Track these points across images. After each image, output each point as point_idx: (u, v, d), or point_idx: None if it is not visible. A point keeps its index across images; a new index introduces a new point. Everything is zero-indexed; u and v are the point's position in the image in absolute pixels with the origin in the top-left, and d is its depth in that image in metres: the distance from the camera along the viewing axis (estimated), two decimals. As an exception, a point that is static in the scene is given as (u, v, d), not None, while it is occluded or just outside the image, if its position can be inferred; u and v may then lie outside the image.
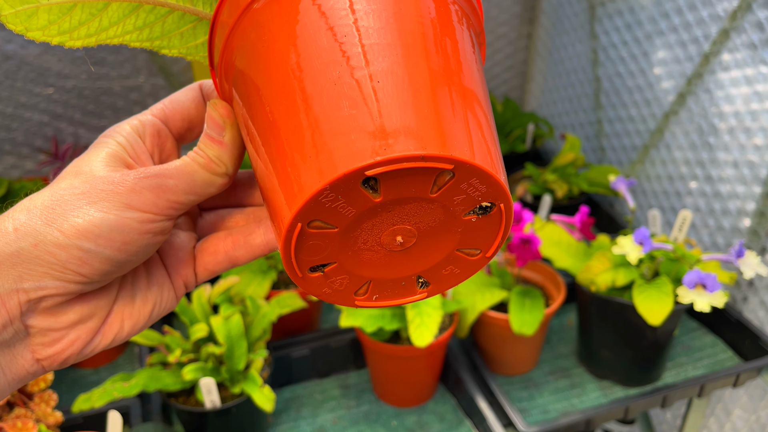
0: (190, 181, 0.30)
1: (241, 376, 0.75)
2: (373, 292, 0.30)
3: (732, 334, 0.94)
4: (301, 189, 0.24)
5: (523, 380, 0.90)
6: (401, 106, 0.24)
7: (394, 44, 0.26)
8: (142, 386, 0.71)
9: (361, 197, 0.25)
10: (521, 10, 1.36)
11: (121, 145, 0.31)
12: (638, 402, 0.83)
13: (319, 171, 0.24)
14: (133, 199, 0.28)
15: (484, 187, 0.26)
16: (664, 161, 1.08)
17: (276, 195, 0.26)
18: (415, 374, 0.84)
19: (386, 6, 0.27)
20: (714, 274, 0.71)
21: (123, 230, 0.28)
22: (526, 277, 0.92)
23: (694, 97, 0.99)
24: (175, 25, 0.32)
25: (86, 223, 0.27)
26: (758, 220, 0.90)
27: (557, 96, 1.37)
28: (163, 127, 0.33)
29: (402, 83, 0.25)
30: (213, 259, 0.34)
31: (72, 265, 0.27)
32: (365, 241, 0.27)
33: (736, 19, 0.88)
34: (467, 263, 0.29)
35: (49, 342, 0.28)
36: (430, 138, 0.24)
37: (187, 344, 0.75)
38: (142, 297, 0.32)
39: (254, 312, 0.79)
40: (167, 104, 0.33)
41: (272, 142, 0.26)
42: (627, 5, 1.09)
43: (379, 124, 0.24)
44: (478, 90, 0.28)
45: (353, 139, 0.24)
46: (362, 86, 0.25)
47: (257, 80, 0.27)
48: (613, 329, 0.84)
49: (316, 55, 0.26)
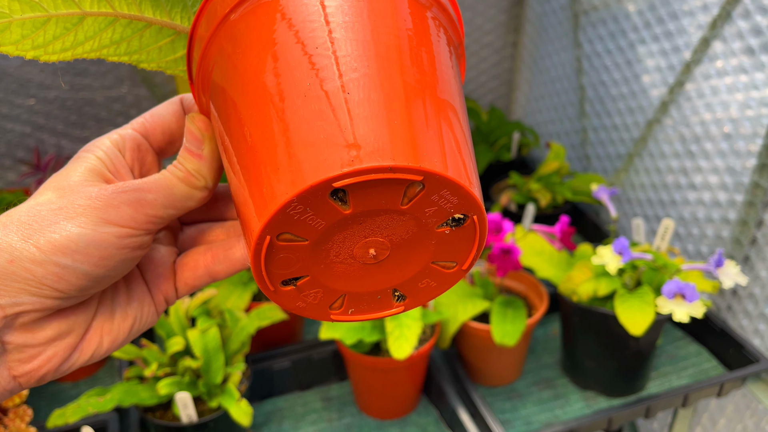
0: (168, 195, 0.30)
1: (218, 390, 0.74)
2: (348, 306, 0.29)
3: (716, 343, 0.93)
4: (269, 201, 0.24)
5: (507, 391, 0.90)
6: (371, 117, 0.24)
7: (367, 56, 0.26)
8: (118, 401, 0.70)
9: (330, 209, 0.24)
10: (506, 19, 1.37)
11: (101, 159, 0.31)
12: (621, 413, 0.82)
13: (288, 182, 0.24)
14: (110, 214, 0.28)
15: (455, 199, 0.25)
16: (648, 169, 1.08)
17: (247, 207, 0.26)
18: (397, 386, 0.83)
19: (361, 19, 0.27)
20: (693, 284, 0.70)
21: (100, 245, 0.28)
22: (509, 287, 0.92)
23: (676, 106, 0.99)
24: (153, 39, 0.31)
25: (63, 239, 0.27)
26: (741, 229, 0.90)
27: (542, 104, 1.37)
28: (143, 141, 0.33)
29: (373, 95, 0.25)
30: (193, 274, 0.34)
31: (48, 281, 0.27)
32: (338, 254, 0.27)
33: (716, 28, 0.88)
34: (443, 276, 0.29)
35: (25, 358, 0.28)
36: (399, 149, 0.24)
37: (164, 358, 0.74)
38: (122, 312, 0.31)
39: (233, 325, 0.78)
40: (147, 118, 0.33)
41: (244, 154, 0.26)
42: (610, 14, 1.10)
43: (347, 135, 0.24)
44: (454, 102, 0.27)
45: (321, 150, 0.24)
46: (332, 97, 0.24)
47: (231, 92, 0.27)
48: (595, 339, 0.84)
49: (289, 66, 0.26)
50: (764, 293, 0.88)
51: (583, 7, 1.16)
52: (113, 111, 1.16)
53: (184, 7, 0.31)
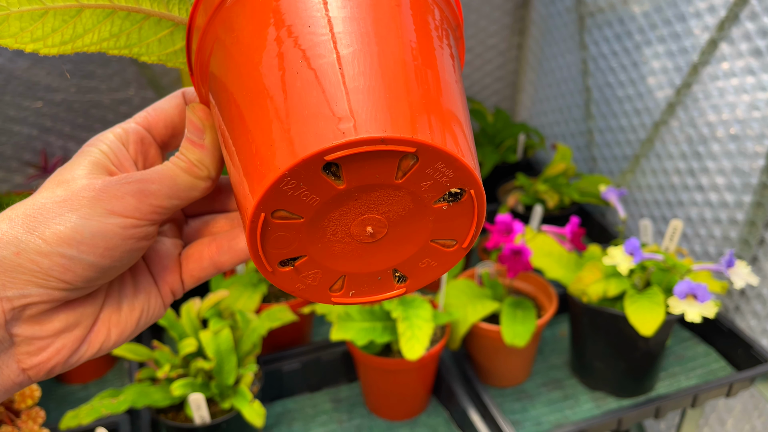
0: (172, 185, 0.30)
1: (230, 391, 0.74)
2: (348, 288, 0.29)
3: (724, 343, 0.93)
4: (262, 177, 0.24)
5: (516, 392, 0.90)
6: (362, 90, 0.24)
7: (363, 32, 0.26)
8: (131, 402, 0.70)
9: (324, 184, 0.24)
10: (511, 21, 1.37)
11: (104, 153, 0.31)
12: (631, 413, 0.82)
13: (280, 157, 0.24)
14: (115, 205, 0.28)
15: (451, 172, 0.25)
16: (655, 171, 1.08)
17: (242, 188, 0.26)
18: (407, 387, 0.84)
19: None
20: (704, 285, 0.71)
21: (106, 236, 0.28)
22: (518, 288, 0.92)
23: (684, 107, 0.99)
24: (152, 31, 0.31)
25: (68, 230, 0.27)
26: (749, 229, 0.90)
27: (548, 106, 1.37)
28: (147, 134, 0.33)
29: (366, 69, 0.24)
30: (198, 266, 0.34)
31: (55, 272, 0.27)
32: (335, 233, 0.26)
33: (723, 30, 0.89)
34: (444, 255, 0.29)
35: (34, 351, 0.28)
36: (391, 120, 0.23)
37: (176, 359, 0.74)
38: (129, 304, 0.32)
39: (244, 326, 0.78)
40: (150, 112, 0.33)
41: (239, 136, 0.26)
42: (616, 16, 1.10)
43: (339, 108, 0.23)
44: (449, 79, 0.27)
45: (313, 124, 0.23)
46: (325, 72, 0.24)
47: (227, 79, 0.27)
48: (605, 340, 0.84)
49: (282, 46, 0.26)
50: (773, 293, 0.88)
51: (589, 9, 1.16)
52: (120, 113, 1.16)
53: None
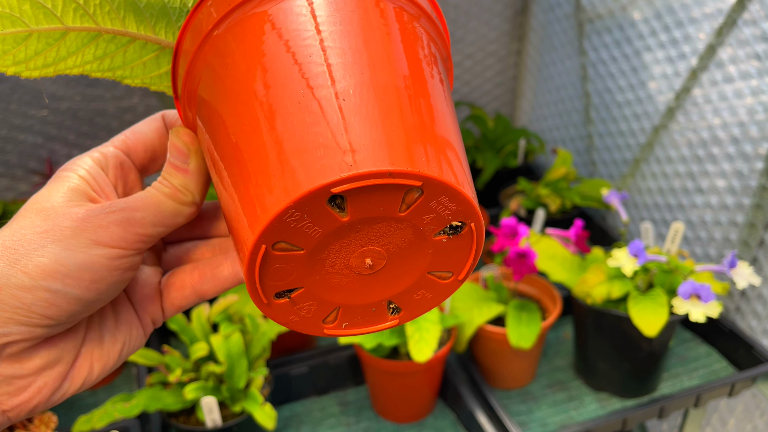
0: (157, 213, 0.29)
1: (241, 395, 0.75)
2: (342, 320, 0.29)
3: (726, 344, 0.95)
4: (264, 209, 0.24)
5: (522, 394, 0.91)
6: (368, 123, 0.24)
7: (360, 63, 0.25)
8: (143, 406, 0.71)
9: (328, 216, 0.24)
10: (510, 28, 1.38)
11: (83, 178, 0.29)
12: (636, 413, 0.83)
13: (284, 190, 0.23)
14: (100, 235, 0.27)
15: (453, 206, 0.25)
16: (655, 174, 1.09)
17: (239, 219, 0.26)
18: (414, 390, 0.85)
19: (352, 28, 0.26)
20: (708, 285, 0.72)
21: (92, 268, 0.27)
22: (522, 291, 0.93)
23: (683, 111, 1.00)
24: (137, 55, 0.31)
25: (52, 263, 0.26)
26: (749, 231, 0.91)
27: (547, 111, 1.39)
28: (126, 158, 0.32)
29: (368, 101, 0.24)
30: (180, 294, 0.33)
31: (38, 308, 0.26)
32: (333, 264, 0.26)
33: (722, 35, 0.90)
34: (439, 287, 0.29)
35: (14, 391, 0.27)
36: (398, 154, 0.23)
37: (188, 363, 0.75)
38: (111, 337, 0.31)
39: (253, 330, 0.79)
40: (129, 135, 0.32)
41: (235, 166, 0.26)
42: (615, 22, 1.12)
43: (344, 140, 0.23)
44: (446, 110, 0.27)
45: (318, 156, 0.23)
46: (327, 103, 0.24)
47: (219, 106, 0.27)
48: (609, 341, 0.85)
49: (280, 76, 0.25)
50: (773, 294, 0.90)
51: (588, 15, 1.18)
52: (125, 121, 1.17)
53: (168, 22, 0.30)
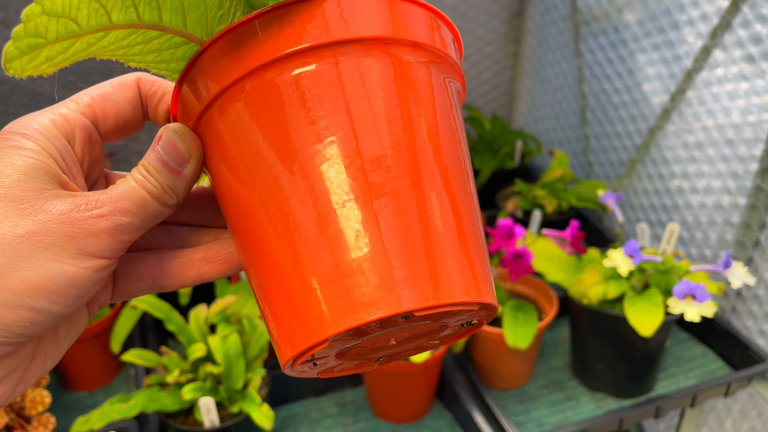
0: (143, 216, 0.26)
1: (239, 395, 0.75)
2: (340, 370, 0.31)
3: (722, 344, 0.95)
4: (307, 333, 0.24)
5: (519, 394, 0.91)
6: (407, 254, 0.24)
7: (401, 182, 0.25)
8: (141, 407, 0.71)
9: (363, 334, 0.25)
10: (507, 30, 1.39)
11: (51, 155, 0.25)
12: (632, 413, 0.84)
13: (328, 322, 0.24)
14: (89, 245, 0.24)
15: (485, 313, 0.27)
16: (651, 175, 1.10)
17: (277, 320, 0.26)
18: (412, 390, 0.85)
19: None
20: (703, 285, 0.72)
21: (79, 283, 0.24)
22: (519, 292, 0.94)
23: (678, 112, 1.01)
24: (157, 45, 0.28)
25: (40, 277, 0.22)
26: (744, 232, 0.92)
27: (544, 113, 1.39)
28: (94, 130, 0.27)
29: (407, 232, 0.24)
30: (137, 285, 0.30)
31: (18, 327, 0.23)
32: (362, 345, 0.27)
33: (716, 37, 0.91)
34: (425, 348, 0.31)
35: None
36: (438, 286, 0.24)
37: (185, 364, 0.75)
38: (65, 332, 0.28)
39: (251, 331, 0.79)
40: (97, 101, 0.27)
41: (266, 250, 0.25)
42: (611, 24, 1.12)
43: (390, 278, 0.24)
44: (475, 208, 0.28)
45: (362, 293, 0.23)
46: (373, 237, 0.24)
47: (244, 166, 0.26)
48: (605, 341, 0.86)
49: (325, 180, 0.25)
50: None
51: (584, 17, 1.19)
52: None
53: (203, 19, 0.28)
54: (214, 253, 0.30)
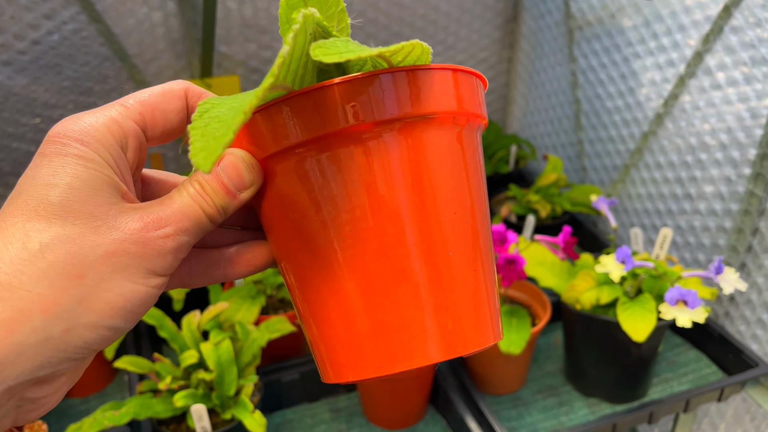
0: (198, 233, 0.26)
1: (231, 402, 0.75)
2: None
3: (715, 349, 0.95)
4: (361, 366, 0.28)
5: (512, 399, 0.91)
6: (454, 300, 0.28)
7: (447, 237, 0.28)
8: (133, 414, 0.71)
9: None
10: (501, 35, 1.39)
11: (110, 166, 0.25)
12: (625, 418, 0.84)
13: (380, 361, 0.27)
14: (157, 265, 0.24)
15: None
16: (645, 180, 1.10)
17: (328, 344, 0.29)
18: (405, 396, 0.85)
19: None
20: (694, 291, 0.72)
21: (148, 302, 0.24)
22: (512, 297, 0.94)
23: (671, 117, 1.01)
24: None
25: (119, 299, 0.23)
26: (737, 237, 0.92)
27: (538, 118, 1.40)
28: (143, 137, 0.28)
29: (452, 278, 0.28)
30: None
31: (95, 344, 0.23)
32: None
33: (708, 43, 0.91)
34: None
35: (35, 408, 0.25)
36: (470, 336, 0.28)
37: (178, 371, 0.75)
38: None
39: (244, 337, 0.79)
40: (147, 109, 0.27)
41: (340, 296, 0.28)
42: (604, 29, 1.12)
43: (432, 323, 0.27)
44: (490, 250, 0.31)
45: (408, 340, 0.27)
46: (421, 283, 0.27)
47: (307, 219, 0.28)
48: (598, 347, 0.86)
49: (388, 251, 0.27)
50: (761, 299, 0.90)
51: (578, 22, 1.19)
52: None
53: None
54: (238, 255, 0.31)
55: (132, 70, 1.12)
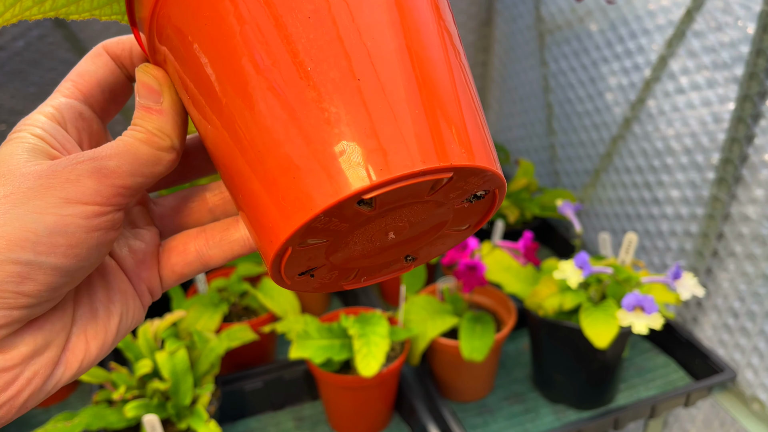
0: (133, 160, 0.25)
1: (187, 412, 0.74)
2: (360, 276, 0.29)
3: (683, 354, 0.95)
4: (291, 214, 0.22)
5: (478, 406, 0.91)
6: (394, 114, 0.22)
7: (380, 35, 0.23)
8: (85, 425, 0.70)
9: (356, 214, 0.23)
10: (475, 39, 1.39)
11: (40, 137, 0.26)
12: (590, 425, 0.83)
13: (314, 197, 0.22)
14: (70, 191, 0.24)
15: (481, 181, 0.25)
16: (614, 184, 1.10)
17: (258, 212, 0.24)
18: (368, 404, 0.84)
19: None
20: (651, 297, 0.72)
21: (66, 231, 0.23)
22: (479, 303, 0.93)
23: (639, 122, 1.01)
24: None
25: (18, 230, 0.22)
26: (702, 241, 0.91)
27: (512, 122, 1.39)
28: (83, 107, 0.28)
29: (389, 85, 0.23)
30: (182, 260, 0.30)
31: (10, 285, 0.22)
32: (356, 242, 0.26)
33: (672, 47, 0.91)
34: (456, 236, 0.29)
35: (2, 386, 0.24)
36: (428, 149, 0.22)
37: (133, 380, 0.74)
38: (105, 310, 0.27)
39: (202, 346, 0.78)
40: (77, 79, 0.28)
41: (245, 146, 0.24)
42: (574, 33, 1.12)
43: (371, 142, 0.22)
44: (462, 64, 0.25)
45: (346, 161, 0.22)
46: (353, 93, 0.22)
47: (207, 51, 0.24)
48: (563, 353, 0.85)
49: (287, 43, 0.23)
50: (726, 304, 0.90)
51: (548, 26, 1.19)
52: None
53: None
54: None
55: (99, 75, 1.12)
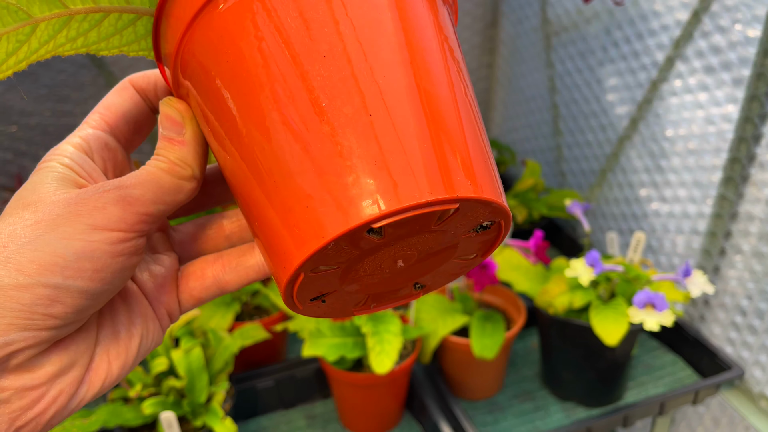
0: (156, 189, 0.27)
1: (202, 409, 0.75)
2: (370, 302, 0.30)
3: (690, 352, 0.96)
4: (304, 242, 0.24)
5: (488, 404, 0.91)
6: (404, 146, 0.23)
7: (396, 78, 0.24)
8: (102, 422, 0.71)
9: (366, 242, 0.24)
10: (481, 41, 1.40)
11: (68, 167, 0.27)
12: (599, 422, 0.84)
13: (324, 226, 0.23)
14: (97, 218, 0.25)
15: (487, 212, 0.26)
16: (621, 184, 1.10)
17: (273, 239, 0.25)
18: (380, 402, 0.85)
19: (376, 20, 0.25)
20: (662, 294, 0.73)
21: (92, 256, 0.24)
22: (488, 302, 0.94)
23: (645, 122, 1.02)
24: (112, 28, 0.29)
25: (48, 255, 0.23)
26: (710, 240, 0.92)
27: (518, 123, 1.40)
28: (109, 138, 0.30)
29: (399, 121, 0.24)
30: (200, 284, 0.31)
31: (40, 307, 0.23)
32: (366, 270, 0.27)
33: (679, 48, 0.92)
34: (464, 265, 0.30)
35: (28, 404, 0.24)
36: (435, 181, 0.23)
37: (148, 378, 0.75)
38: (126, 332, 0.28)
39: (216, 344, 0.79)
40: (104, 112, 0.30)
41: (262, 176, 0.25)
42: (579, 34, 1.13)
43: (385, 174, 0.23)
44: (472, 102, 0.27)
45: (357, 191, 0.23)
46: (365, 128, 0.23)
47: (229, 89, 0.25)
48: (573, 351, 0.86)
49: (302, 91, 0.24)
50: (734, 302, 0.91)
51: (554, 28, 1.20)
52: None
53: None
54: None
55: (109, 77, 1.12)
